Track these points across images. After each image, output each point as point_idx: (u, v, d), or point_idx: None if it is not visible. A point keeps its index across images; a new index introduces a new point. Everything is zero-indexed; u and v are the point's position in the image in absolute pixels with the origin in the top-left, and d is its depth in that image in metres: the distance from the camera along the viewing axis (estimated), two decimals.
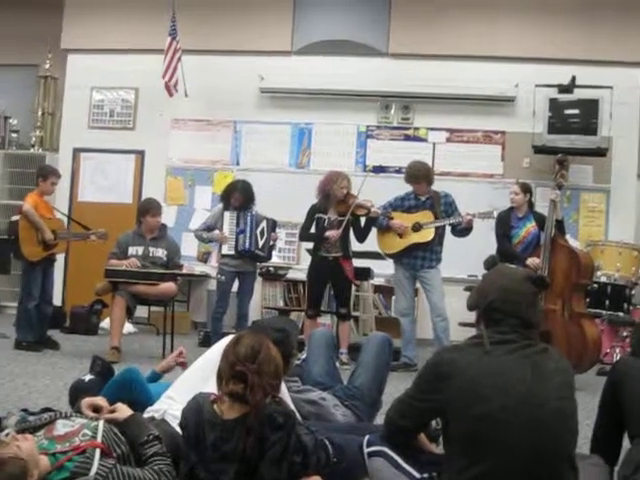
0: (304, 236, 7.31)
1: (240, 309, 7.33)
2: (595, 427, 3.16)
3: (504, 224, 6.81)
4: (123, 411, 2.80)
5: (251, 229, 7.17)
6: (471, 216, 6.75)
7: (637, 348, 3.35)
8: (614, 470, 2.94)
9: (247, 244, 7.15)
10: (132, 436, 2.66)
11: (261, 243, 7.22)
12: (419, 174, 6.98)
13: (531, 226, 6.75)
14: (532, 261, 6.44)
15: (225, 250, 7.25)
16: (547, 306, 6.21)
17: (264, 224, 7.27)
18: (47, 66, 10.18)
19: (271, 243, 7.34)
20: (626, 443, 3.00)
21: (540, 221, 6.69)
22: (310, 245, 7.30)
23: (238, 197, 7.26)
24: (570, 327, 6.25)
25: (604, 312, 7.63)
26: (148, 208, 7.09)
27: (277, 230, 7.57)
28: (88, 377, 3.87)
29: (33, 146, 10.23)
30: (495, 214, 6.83)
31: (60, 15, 10.04)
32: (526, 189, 6.89)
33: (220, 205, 7.46)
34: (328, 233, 6.91)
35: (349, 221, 6.93)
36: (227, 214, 7.25)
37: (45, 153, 10.08)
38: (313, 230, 7.10)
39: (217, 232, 7.30)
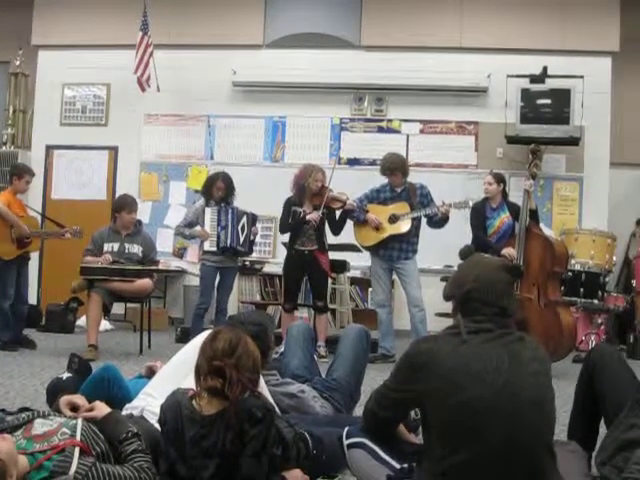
0: (284, 228, 7.22)
1: (219, 304, 7.31)
2: (572, 414, 3.19)
3: (479, 215, 6.83)
4: (101, 409, 2.78)
5: (232, 225, 7.12)
6: (447, 206, 6.78)
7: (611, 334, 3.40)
8: (591, 456, 2.97)
9: (229, 240, 7.10)
10: (111, 434, 2.64)
11: (242, 238, 7.19)
12: (395, 166, 6.99)
13: (505, 216, 6.76)
14: (507, 251, 6.46)
15: (207, 246, 7.20)
16: (523, 295, 6.26)
17: (244, 219, 7.23)
18: (17, 63, 10.06)
19: (251, 238, 7.31)
20: (603, 429, 3.04)
21: (514, 211, 6.71)
22: (286, 238, 7.29)
23: (221, 186, 7.19)
24: (546, 315, 6.31)
25: (579, 300, 7.69)
26: (124, 204, 7.05)
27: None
28: (66, 375, 3.86)
29: (5, 144, 10.12)
30: (470, 204, 6.85)
31: (30, 11, 9.95)
32: (500, 179, 6.91)
33: (201, 201, 7.41)
34: (309, 216, 6.90)
35: (324, 214, 6.94)
36: (208, 210, 7.20)
37: (17, 151, 9.97)
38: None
39: (199, 228, 7.26)
